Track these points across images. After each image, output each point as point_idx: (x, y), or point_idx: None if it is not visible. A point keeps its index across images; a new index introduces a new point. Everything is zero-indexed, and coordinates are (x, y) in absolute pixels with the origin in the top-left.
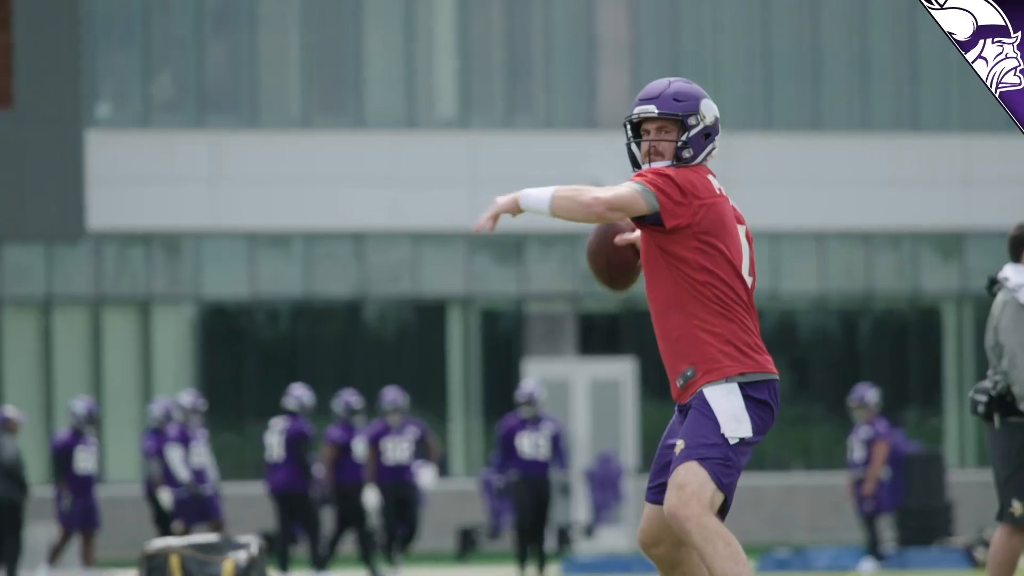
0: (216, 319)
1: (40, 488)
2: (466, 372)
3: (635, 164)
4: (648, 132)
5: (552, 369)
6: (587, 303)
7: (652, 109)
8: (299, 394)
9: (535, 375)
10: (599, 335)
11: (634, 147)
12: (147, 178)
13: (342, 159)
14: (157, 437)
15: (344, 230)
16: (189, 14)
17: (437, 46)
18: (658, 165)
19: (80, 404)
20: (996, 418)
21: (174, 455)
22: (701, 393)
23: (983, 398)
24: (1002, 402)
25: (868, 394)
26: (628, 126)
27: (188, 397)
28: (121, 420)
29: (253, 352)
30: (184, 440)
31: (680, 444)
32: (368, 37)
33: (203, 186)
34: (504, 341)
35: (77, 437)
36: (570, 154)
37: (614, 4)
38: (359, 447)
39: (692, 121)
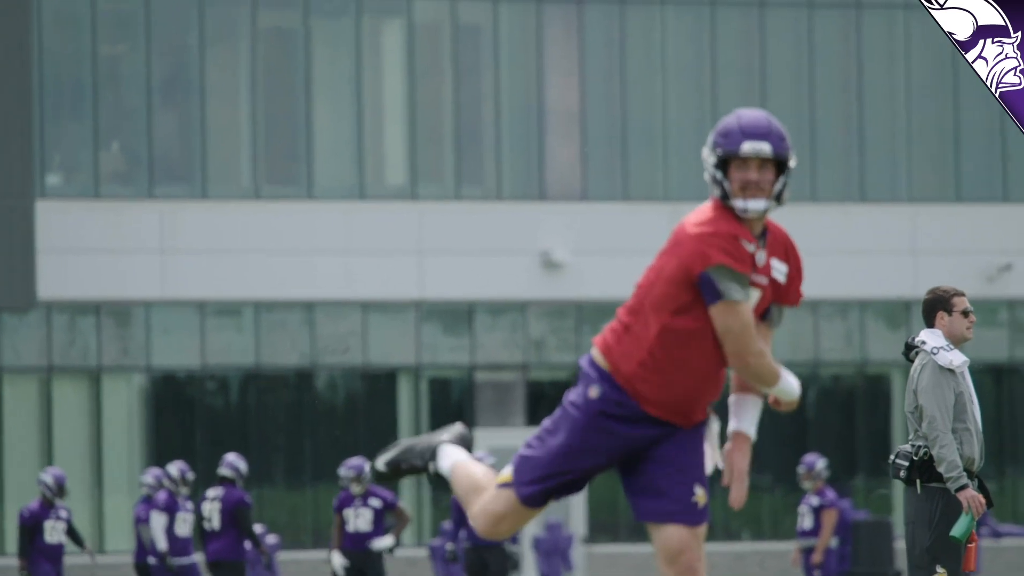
0: (167, 389)
1: None
2: None
3: (724, 196)
4: (747, 167)
5: (502, 438)
6: (536, 372)
7: (767, 150)
8: (233, 461)
9: (485, 444)
10: (548, 404)
11: (725, 182)
12: (97, 248)
13: (292, 229)
14: (149, 505)
15: (294, 300)
16: (139, 85)
17: (386, 117)
18: (759, 204)
19: (49, 476)
20: (918, 483)
21: (156, 523)
22: (710, 429)
23: (905, 463)
24: (924, 467)
25: (817, 463)
26: (715, 157)
27: (176, 468)
28: (72, 489)
29: (204, 421)
30: (171, 509)
31: (704, 496)
32: (318, 108)
33: (153, 256)
34: (454, 410)
35: (47, 509)
36: (519, 225)
37: (563, 75)
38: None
39: (791, 163)
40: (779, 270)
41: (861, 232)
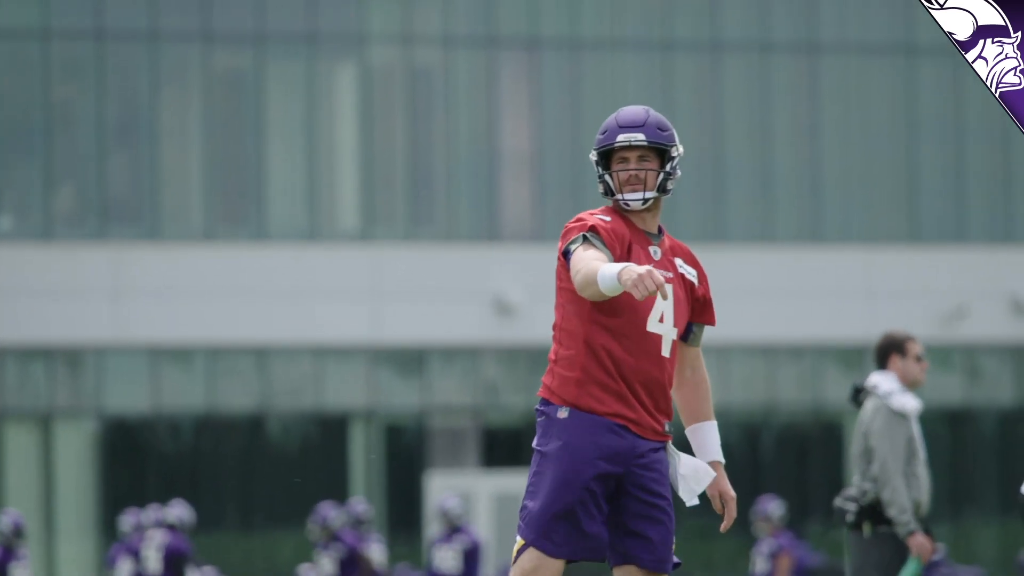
0: (118, 433)
1: None
2: (369, 486)
3: (608, 192)
4: (627, 160)
5: (455, 482)
6: (490, 416)
7: (640, 137)
8: (179, 509)
9: (438, 488)
10: (502, 448)
11: (608, 177)
12: (49, 291)
13: (244, 272)
14: (121, 548)
15: (246, 344)
16: (91, 127)
17: (339, 158)
18: (637, 195)
19: (6, 519)
20: (866, 527)
21: (121, 569)
22: (681, 463)
23: (852, 507)
24: (872, 511)
25: (771, 507)
26: (596, 154)
27: (152, 514)
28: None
29: (155, 466)
30: (139, 554)
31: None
32: (270, 149)
33: (105, 299)
34: (407, 454)
35: (8, 553)
36: (473, 267)
37: (516, 117)
38: (370, 553)
39: (673, 152)
40: (688, 271)
41: (816, 274)
